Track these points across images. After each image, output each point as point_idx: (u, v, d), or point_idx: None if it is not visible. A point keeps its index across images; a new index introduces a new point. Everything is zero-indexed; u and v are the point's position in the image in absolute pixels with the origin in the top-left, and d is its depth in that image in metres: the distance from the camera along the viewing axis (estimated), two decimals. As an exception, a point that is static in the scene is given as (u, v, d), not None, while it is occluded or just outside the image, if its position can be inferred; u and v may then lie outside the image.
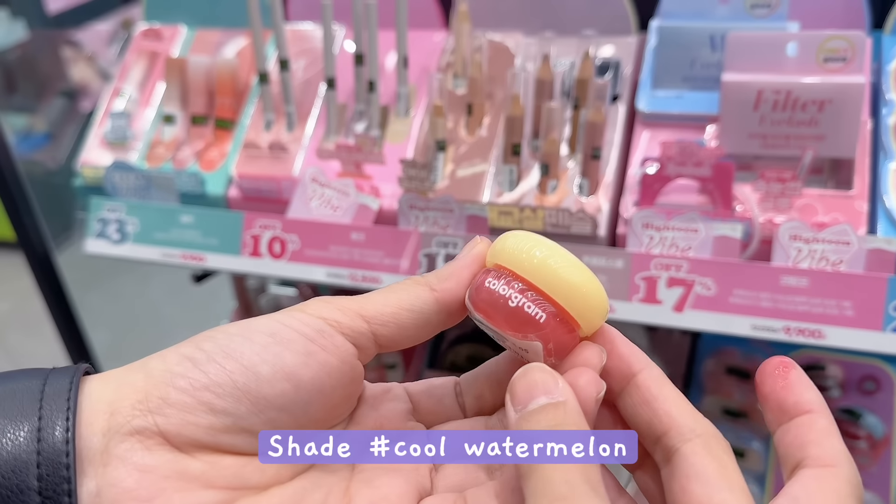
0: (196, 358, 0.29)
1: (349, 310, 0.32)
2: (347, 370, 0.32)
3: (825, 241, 0.65)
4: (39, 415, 0.27)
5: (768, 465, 0.89)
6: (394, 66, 0.85)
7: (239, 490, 0.29)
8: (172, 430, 0.28)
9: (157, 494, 0.27)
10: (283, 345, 0.30)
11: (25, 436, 0.27)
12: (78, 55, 1.42)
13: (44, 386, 0.28)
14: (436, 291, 0.32)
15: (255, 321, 0.31)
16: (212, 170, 0.86)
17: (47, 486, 0.26)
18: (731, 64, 0.70)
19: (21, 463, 0.26)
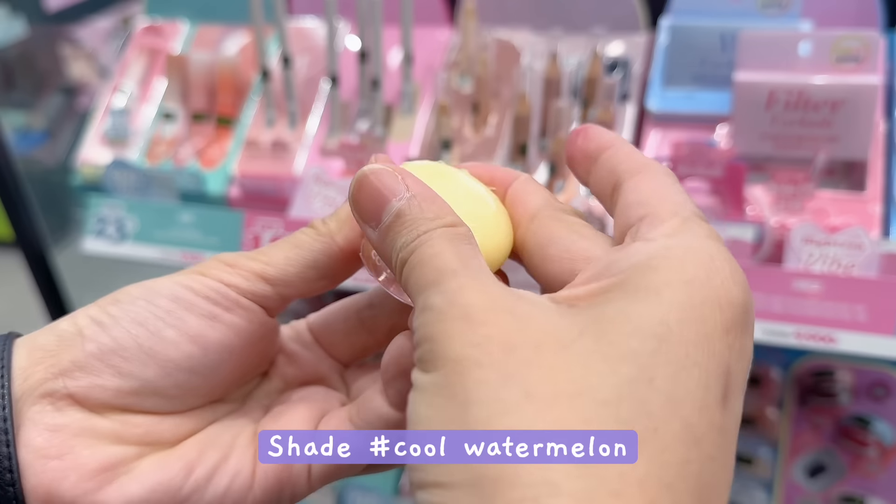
0: (104, 322, 0.30)
1: (251, 274, 0.31)
2: (257, 329, 0.32)
3: (838, 244, 0.64)
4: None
5: (776, 472, 0.87)
6: (398, 63, 0.84)
7: (150, 445, 0.30)
8: (81, 393, 0.29)
9: (66, 451, 0.28)
10: (187, 309, 0.30)
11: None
12: (77, 52, 1.41)
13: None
14: (337, 242, 0.32)
15: (158, 284, 0.31)
16: (212, 168, 0.85)
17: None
18: (742, 63, 0.69)
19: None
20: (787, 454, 0.88)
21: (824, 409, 0.89)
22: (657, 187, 0.27)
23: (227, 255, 0.32)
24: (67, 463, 0.28)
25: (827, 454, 0.87)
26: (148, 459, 0.30)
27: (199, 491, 0.30)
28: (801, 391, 0.91)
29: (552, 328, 0.23)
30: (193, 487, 0.30)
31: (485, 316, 0.23)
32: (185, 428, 0.31)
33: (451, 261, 0.24)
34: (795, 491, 0.86)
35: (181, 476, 0.30)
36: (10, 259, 1.56)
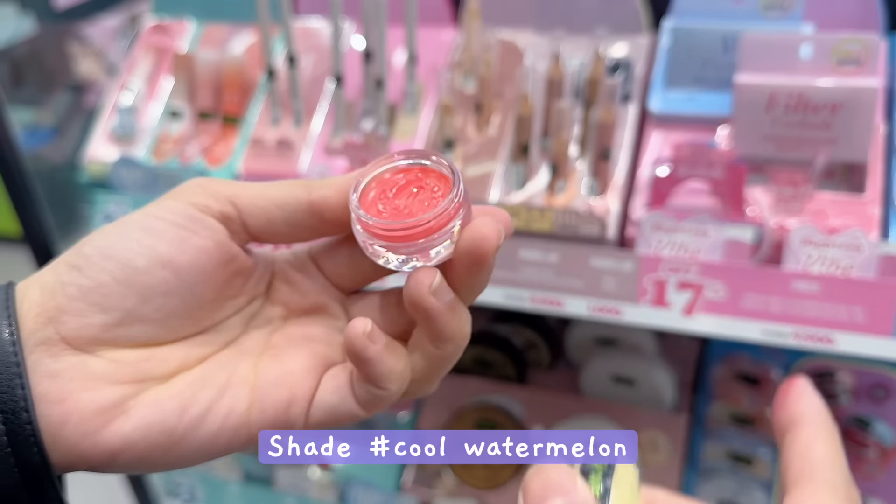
0: (79, 265, 0.31)
1: (221, 195, 0.33)
2: (226, 251, 0.33)
3: (837, 245, 0.64)
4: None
5: (776, 472, 0.88)
6: (402, 63, 0.84)
7: (144, 382, 0.31)
8: (71, 334, 0.30)
9: (66, 396, 0.30)
10: (155, 236, 0.31)
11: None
12: (85, 50, 1.42)
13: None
14: (311, 196, 0.33)
15: (130, 217, 0.32)
16: (218, 165, 0.85)
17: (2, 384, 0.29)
18: (744, 65, 0.69)
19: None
20: (786, 454, 0.88)
21: (824, 410, 0.89)
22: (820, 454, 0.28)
23: (205, 178, 0.33)
24: (68, 407, 0.30)
25: (826, 455, 0.88)
26: (143, 398, 0.31)
27: (194, 429, 0.31)
28: (802, 392, 0.91)
29: None
30: (188, 425, 0.31)
31: None
32: (178, 358, 0.32)
33: None
34: (794, 491, 0.87)
35: (176, 415, 0.31)
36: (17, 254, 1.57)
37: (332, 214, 0.33)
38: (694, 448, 0.92)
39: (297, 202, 0.33)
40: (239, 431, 0.32)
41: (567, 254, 0.70)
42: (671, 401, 0.95)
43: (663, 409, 0.94)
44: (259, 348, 0.34)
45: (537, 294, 0.72)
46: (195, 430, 0.31)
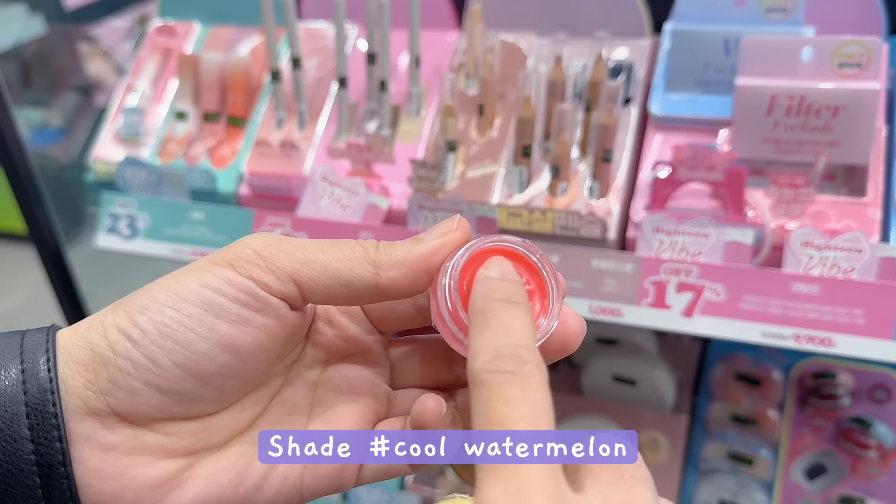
0: (133, 337, 0.29)
1: (282, 272, 0.30)
2: (288, 324, 0.32)
3: (837, 248, 0.65)
4: (21, 358, 0.29)
5: (776, 473, 0.88)
6: (406, 65, 0.85)
7: (198, 453, 0.31)
8: (125, 411, 0.29)
9: (121, 471, 0.29)
10: (216, 314, 0.29)
11: (13, 377, 0.28)
12: (94, 50, 1.43)
13: (22, 340, 0.30)
14: (379, 278, 0.31)
15: (186, 287, 0.30)
16: (223, 167, 0.86)
17: (38, 426, 0.28)
18: (745, 68, 0.69)
19: (10, 399, 0.28)
20: (787, 455, 0.89)
21: (825, 411, 0.90)
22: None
23: (261, 243, 0.31)
24: (123, 482, 0.29)
25: (827, 455, 0.88)
26: (198, 470, 0.30)
27: (250, 499, 0.31)
28: (802, 393, 0.92)
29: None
30: (244, 496, 0.31)
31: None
32: (231, 425, 0.32)
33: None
34: (795, 492, 0.87)
35: (232, 486, 0.31)
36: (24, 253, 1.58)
37: (399, 293, 0.31)
38: (694, 448, 0.92)
39: (363, 284, 0.31)
40: (292, 497, 0.32)
41: (568, 255, 0.70)
42: (672, 401, 0.95)
43: (664, 409, 0.95)
44: (306, 404, 0.34)
45: (539, 295, 0.72)
46: (250, 499, 0.31)
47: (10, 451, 0.27)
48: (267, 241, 0.31)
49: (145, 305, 0.30)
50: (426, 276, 0.31)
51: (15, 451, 0.27)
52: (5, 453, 0.27)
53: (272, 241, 0.31)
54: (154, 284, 0.30)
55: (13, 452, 0.27)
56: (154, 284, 0.30)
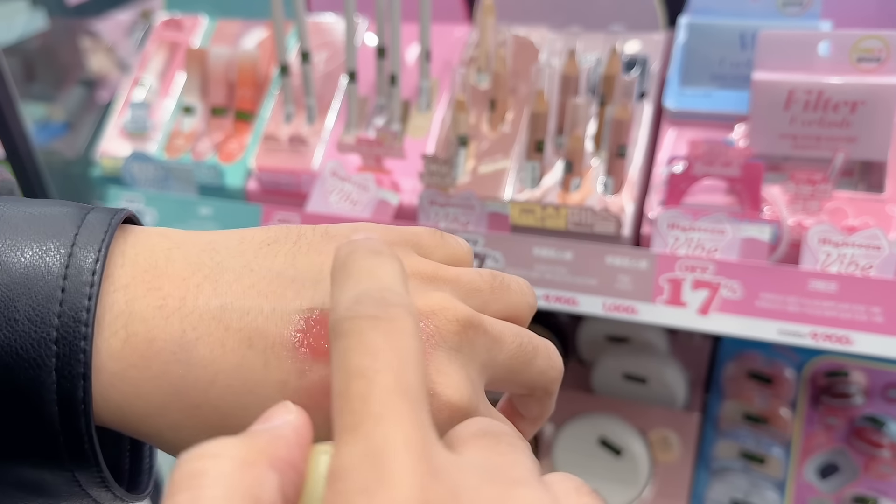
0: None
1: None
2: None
3: (855, 245, 0.64)
4: (74, 241, 0.25)
5: (789, 472, 0.87)
6: (415, 59, 0.84)
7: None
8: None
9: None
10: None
11: (57, 256, 0.25)
12: (97, 45, 1.42)
13: (83, 220, 0.27)
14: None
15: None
16: (231, 162, 0.85)
17: (69, 300, 0.24)
18: (761, 62, 0.68)
19: (45, 273, 0.25)
20: (799, 454, 0.88)
21: (838, 410, 0.89)
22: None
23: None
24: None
25: (840, 455, 0.87)
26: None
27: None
28: (815, 391, 0.91)
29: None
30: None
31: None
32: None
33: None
34: (807, 491, 0.86)
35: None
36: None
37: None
38: (706, 447, 0.91)
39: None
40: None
41: (582, 252, 0.69)
42: (683, 399, 0.94)
43: (675, 407, 0.94)
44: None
45: (551, 292, 0.71)
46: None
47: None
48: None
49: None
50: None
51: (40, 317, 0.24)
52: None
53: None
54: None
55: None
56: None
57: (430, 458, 0.19)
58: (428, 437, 0.19)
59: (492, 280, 0.29)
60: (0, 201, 0.27)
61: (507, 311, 0.29)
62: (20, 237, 0.25)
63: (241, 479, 0.18)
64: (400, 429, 0.19)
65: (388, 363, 0.20)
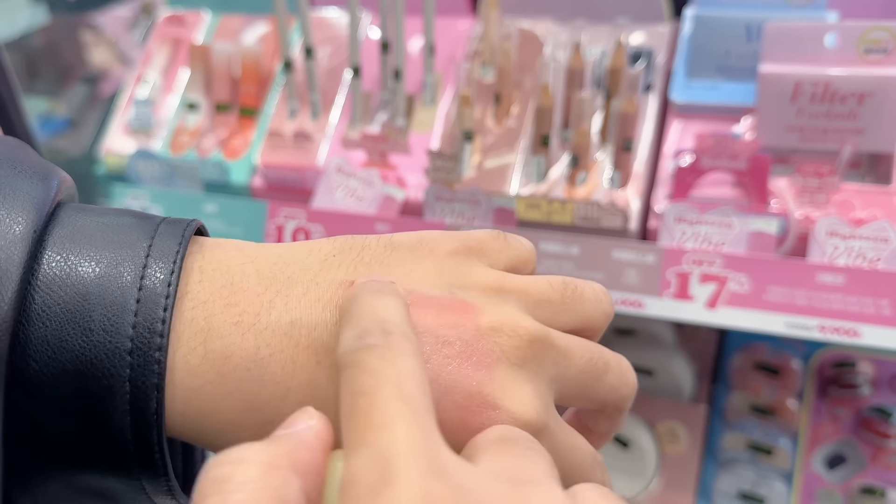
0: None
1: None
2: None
3: (863, 237, 0.63)
4: (148, 252, 0.26)
5: (796, 463, 0.87)
6: (420, 52, 0.84)
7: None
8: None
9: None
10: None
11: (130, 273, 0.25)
12: (98, 39, 1.41)
13: (155, 230, 0.27)
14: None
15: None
16: (235, 158, 0.85)
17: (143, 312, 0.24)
18: (768, 55, 0.68)
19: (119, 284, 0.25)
20: (807, 445, 0.88)
21: (845, 400, 0.89)
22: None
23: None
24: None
25: (847, 445, 0.87)
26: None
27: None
28: (822, 382, 0.91)
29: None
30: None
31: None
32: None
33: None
34: (815, 482, 0.86)
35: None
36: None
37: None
38: (713, 438, 0.92)
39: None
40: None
41: (588, 246, 0.69)
42: (690, 391, 0.94)
43: (682, 399, 0.94)
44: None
45: (558, 287, 0.71)
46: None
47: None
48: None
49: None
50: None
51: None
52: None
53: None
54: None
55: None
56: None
57: (435, 459, 0.19)
58: (432, 440, 0.20)
59: (563, 289, 0.28)
60: (71, 210, 0.27)
61: (580, 322, 0.29)
62: (94, 248, 0.25)
63: (266, 482, 0.19)
64: (403, 433, 0.19)
65: (388, 379, 0.20)
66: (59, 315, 0.24)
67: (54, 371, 0.23)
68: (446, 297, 0.26)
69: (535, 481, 0.21)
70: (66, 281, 0.24)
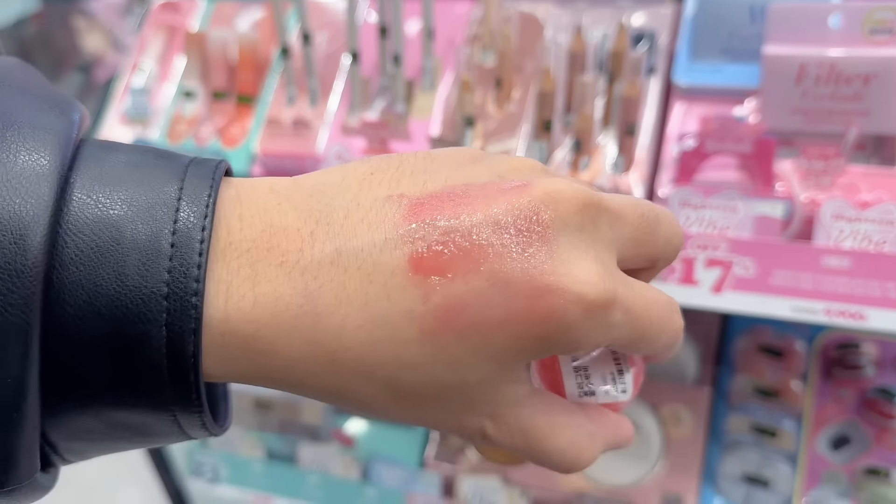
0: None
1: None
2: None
3: (869, 220, 0.63)
4: (180, 195, 0.25)
5: (800, 445, 0.88)
6: (418, 36, 0.82)
7: None
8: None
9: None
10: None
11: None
12: (91, 25, 1.39)
13: (185, 171, 0.26)
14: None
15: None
16: (234, 147, 0.84)
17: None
18: (772, 36, 0.67)
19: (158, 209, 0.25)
20: (811, 427, 0.88)
21: (849, 382, 0.89)
22: None
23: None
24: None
25: (851, 426, 0.87)
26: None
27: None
28: (826, 363, 0.91)
29: None
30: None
31: None
32: None
33: None
34: (819, 463, 0.87)
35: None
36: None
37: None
38: (717, 421, 0.92)
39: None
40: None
41: (592, 232, 0.69)
42: (694, 374, 0.94)
43: (686, 382, 0.94)
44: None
45: (562, 273, 0.71)
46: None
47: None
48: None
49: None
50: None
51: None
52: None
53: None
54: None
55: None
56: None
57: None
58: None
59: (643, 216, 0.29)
60: (95, 147, 0.26)
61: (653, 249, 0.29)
62: (124, 188, 0.25)
63: None
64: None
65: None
66: (92, 259, 0.23)
67: (90, 315, 0.23)
68: (496, 183, 0.26)
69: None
70: (97, 224, 0.24)
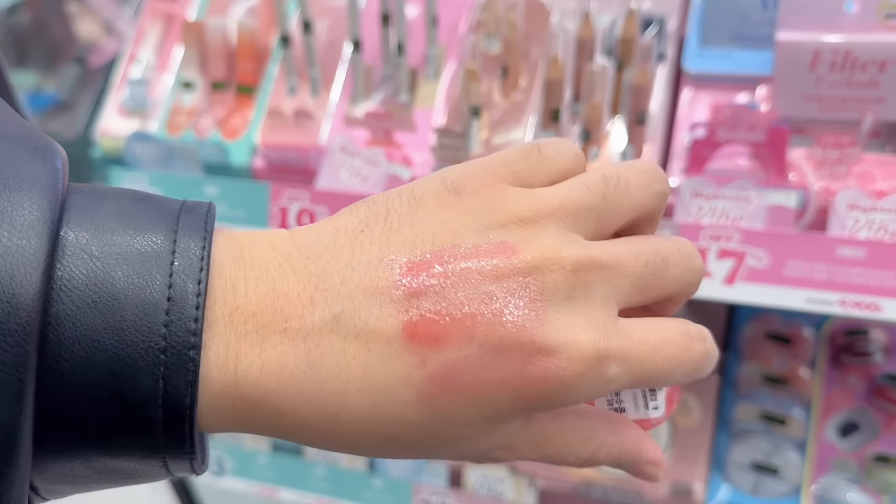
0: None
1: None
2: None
3: (884, 209, 0.62)
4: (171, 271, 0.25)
5: (809, 432, 0.87)
6: (421, 23, 0.81)
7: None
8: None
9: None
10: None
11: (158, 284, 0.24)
12: (83, 10, 1.37)
13: (177, 222, 0.26)
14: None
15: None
16: (234, 138, 0.83)
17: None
18: (785, 22, 0.66)
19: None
20: (819, 414, 0.88)
21: (857, 368, 0.88)
22: None
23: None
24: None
25: (860, 413, 0.87)
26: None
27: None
28: (834, 350, 0.90)
29: None
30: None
31: None
32: None
33: None
34: (828, 450, 0.86)
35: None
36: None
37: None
38: (725, 409, 0.91)
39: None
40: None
41: (603, 224, 0.68)
42: (701, 362, 0.94)
43: (693, 370, 0.93)
44: None
45: (572, 265, 0.70)
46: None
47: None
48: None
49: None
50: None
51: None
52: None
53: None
54: None
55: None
56: None
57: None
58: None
59: (604, 187, 0.27)
60: (83, 196, 0.25)
61: (632, 214, 0.28)
62: (117, 240, 0.24)
63: None
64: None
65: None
66: (88, 315, 0.23)
67: (86, 369, 0.23)
68: (483, 244, 0.25)
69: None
70: (92, 279, 0.23)
